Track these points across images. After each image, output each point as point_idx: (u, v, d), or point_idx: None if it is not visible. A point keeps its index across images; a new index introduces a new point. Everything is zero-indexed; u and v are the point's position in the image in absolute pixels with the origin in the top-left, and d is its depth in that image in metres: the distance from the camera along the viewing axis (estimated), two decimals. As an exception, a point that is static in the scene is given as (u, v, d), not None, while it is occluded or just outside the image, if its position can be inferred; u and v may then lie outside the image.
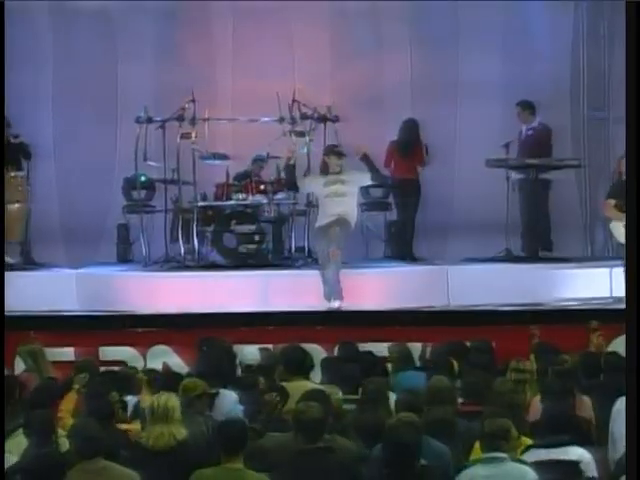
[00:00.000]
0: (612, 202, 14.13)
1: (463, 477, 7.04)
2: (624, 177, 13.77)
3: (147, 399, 8.76)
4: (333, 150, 14.25)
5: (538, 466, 7.28)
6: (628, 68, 7.92)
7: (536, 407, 8.77)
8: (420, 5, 16.72)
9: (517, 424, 7.56)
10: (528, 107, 15.86)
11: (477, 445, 7.56)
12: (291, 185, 14.53)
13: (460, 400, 9.01)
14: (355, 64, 16.67)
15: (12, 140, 15.55)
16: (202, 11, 16.73)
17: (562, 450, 7.61)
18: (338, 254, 13.48)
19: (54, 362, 11.59)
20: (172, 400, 7.85)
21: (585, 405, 8.93)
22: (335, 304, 13.39)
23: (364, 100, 16.40)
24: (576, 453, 7.64)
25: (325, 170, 14.19)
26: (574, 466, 7.55)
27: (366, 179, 14.19)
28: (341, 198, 13.87)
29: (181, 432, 7.64)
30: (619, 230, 13.93)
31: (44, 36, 16.68)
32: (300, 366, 9.92)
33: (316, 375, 10.34)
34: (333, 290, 13.48)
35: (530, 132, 15.73)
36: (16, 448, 7.53)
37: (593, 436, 8.58)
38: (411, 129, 15.88)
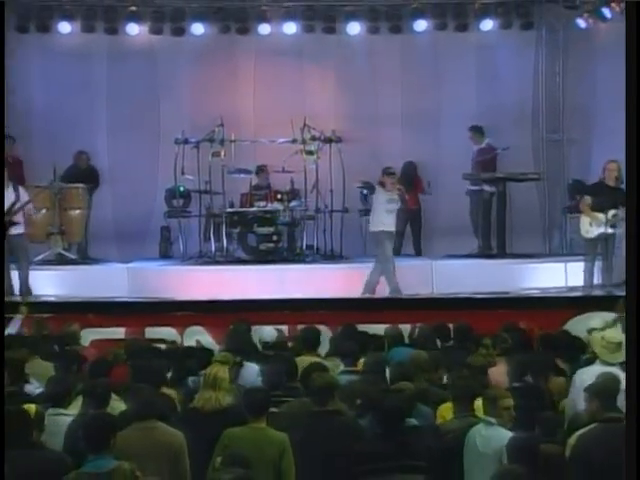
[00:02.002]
0: (588, 199, 14.06)
1: (471, 433, 6.95)
2: (607, 181, 13.72)
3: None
4: (387, 172, 14.35)
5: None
6: (628, 68, 7.44)
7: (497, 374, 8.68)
8: (409, 47, 16.72)
9: (481, 387, 7.55)
10: (478, 131, 15.88)
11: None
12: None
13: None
14: (355, 96, 16.64)
15: (82, 164, 15.61)
16: (229, 52, 16.75)
17: None
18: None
19: (108, 340, 11.64)
20: (222, 371, 7.76)
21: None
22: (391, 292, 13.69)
23: (362, 125, 16.38)
24: None
25: (382, 186, 14.24)
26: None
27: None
28: (393, 214, 14.03)
29: (226, 399, 7.56)
30: (585, 226, 13.91)
31: (100, 73, 16.68)
32: (313, 343, 9.94)
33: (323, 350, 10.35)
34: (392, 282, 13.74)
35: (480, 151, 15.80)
36: (75, 410, 7.51)
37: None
38: (409, 169, 15.90)
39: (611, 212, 13.58)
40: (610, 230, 13.68)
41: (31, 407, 6.97)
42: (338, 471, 6.99)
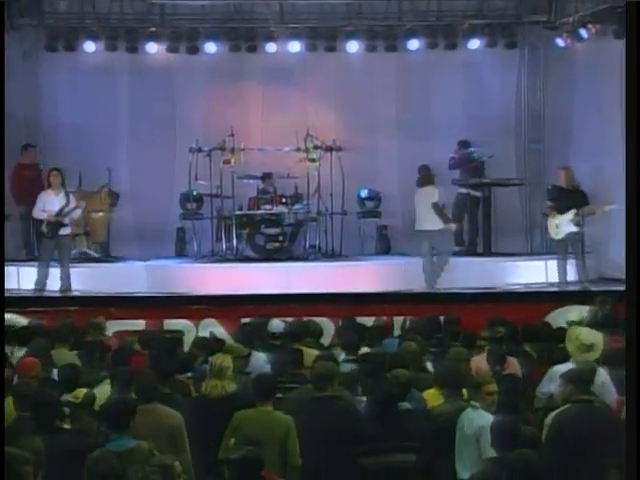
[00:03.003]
0: (548, 203, 14.16)
1: (463, 416, 6.94)
2: (563, 185, 13.92)
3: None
4: (424, 170, 14.51)
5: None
6: (628, 69, 6.98)
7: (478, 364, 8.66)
8: (403, 64, 16.71)
9: (467, 375, 7.56)
10: (464, 145, 15.81)
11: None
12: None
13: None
14: (354, 109, 16.61)
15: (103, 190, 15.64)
16: (239, 68, 16.71)
17: None
18: None
19: (130, 331, 11.64)
20: (227, 361, 7.76)
21: (513, 365, 8.81)
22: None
23: (360, 135, 16.37)
24: None
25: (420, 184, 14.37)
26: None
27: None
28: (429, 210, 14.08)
29: (231, 386, 7.58)
30: (553, 228, 13.96)
31: (122, 88, 16.67)
32: (313, 334, 9.94)
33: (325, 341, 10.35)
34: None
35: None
36: (102, 394, 7.51)
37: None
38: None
39: (570, 213, 13.71)
40: (574, 229, 13.76)
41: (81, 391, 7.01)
42: (339, 451, 6.98)
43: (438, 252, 14.22)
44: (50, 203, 13.78)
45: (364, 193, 16.42)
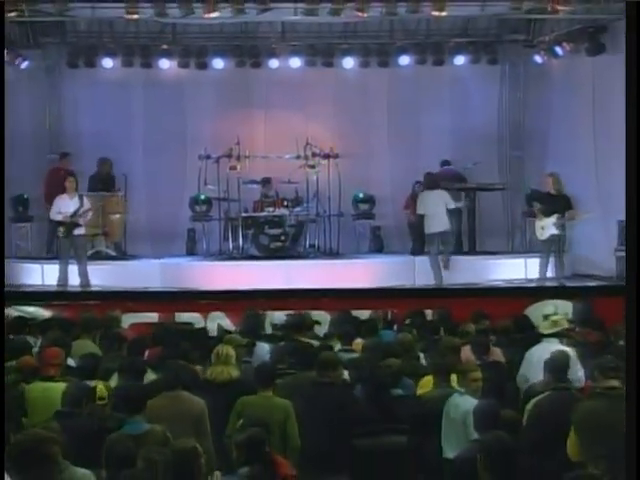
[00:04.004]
0: (537, 206, 14.15)
1: (450, 401, 6.92)
2: (548, 190, 13.90)
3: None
4: (429, 177, 14.59)
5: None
6: (628, 69, 6.66)
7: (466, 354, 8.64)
8: (394, 78, 16.69)
9: (455, 363, 7.54)
10: (446, 163, 15.83)
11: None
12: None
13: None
14: (349, 119, 16.58)
15: (104, 171, 15.60)
16: (244, 82, 16.69)
17: None
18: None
19: (144, 323, 11.63)
20: (231, 349, 7.79)
21: (497, 354, 8.79)
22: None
23: (355, 143, 16.34)
24: None
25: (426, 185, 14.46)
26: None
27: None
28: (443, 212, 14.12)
29: (235, 372, 7.59)
30: (538, 228, 13.98)
31: (137, 100, 16.66)
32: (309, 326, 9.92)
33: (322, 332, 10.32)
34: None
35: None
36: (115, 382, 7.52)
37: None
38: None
39: (554, 216, 13.69)
40: (557, 231, 13.75)
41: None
42: (337, 432, 6.96)
43: (445, 251, 14.20)
44: (65, 206, 13.79)
45: (363, 195, 16.40)
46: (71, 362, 8.28)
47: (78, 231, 13.74)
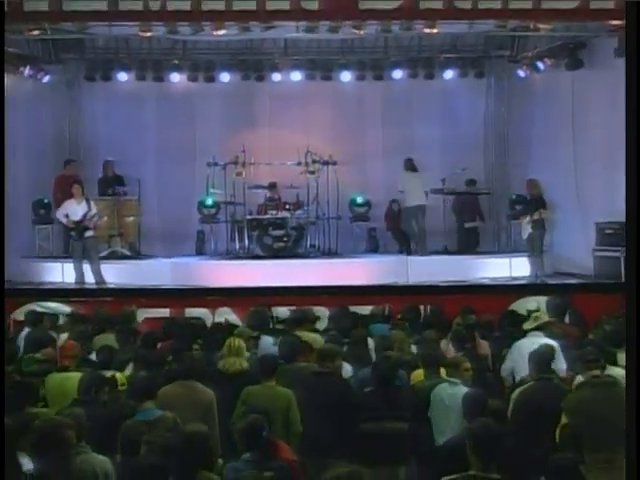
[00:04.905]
0: (517, 208, 14.23)
1: (436, 391, 6.93)
2: (528, 193, 14.06)
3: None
4: (409, 161, 15.18)
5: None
6: (628, 69, 6.52)
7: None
8: (388, 91, 16.66)
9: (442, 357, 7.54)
10: (409, 161, 15.68)
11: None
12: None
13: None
14: (346, 129, 16.53)
15: (109, 172, 15.55)
16: (249, 94, 16.65)
17: None
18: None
19: (157, 318, 11.61)
20: (242, 342, 7.80)
21: (484, 346, 8.78)
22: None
23: (352, 151, 16.30)
24: None
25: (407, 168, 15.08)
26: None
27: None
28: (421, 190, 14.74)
29: (245, 363, 7.56)
30: (521, 228, 14.04)
31: (150, 112, 16.61)
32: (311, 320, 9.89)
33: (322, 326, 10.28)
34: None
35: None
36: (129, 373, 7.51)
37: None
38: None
39: (528, 217, 13.84)
40: (531, 231, 13.86)
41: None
42: (336, 419, 6.91)
43: (420, 231, 14.74)
44: (73, 210, 13.78)
45: (359, 199, 16.38)
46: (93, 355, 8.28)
47: (88, 233, 13.72)
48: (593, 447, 5.68)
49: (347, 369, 7.79)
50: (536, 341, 7.71)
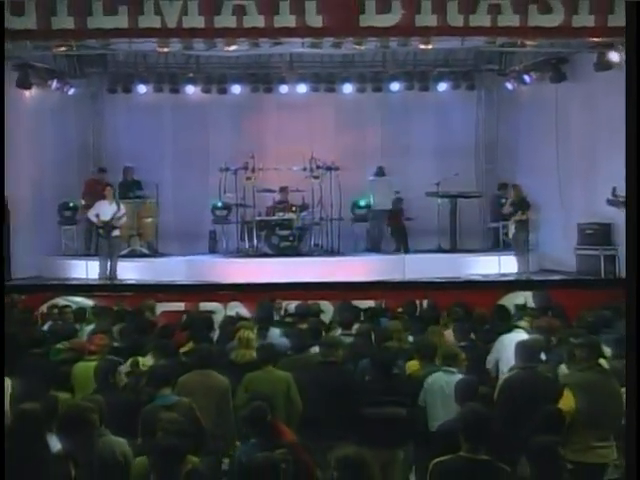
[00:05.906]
0: (505, 210, 14.24)
1: (430, 379, 6.90)
2: (513, 197, 13.94)
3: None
4: (380, 169, 15.62)
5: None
6: (628, 68, 6.24)
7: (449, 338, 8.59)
8: (386, 102, 16.65)
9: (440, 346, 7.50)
10: (380, 169, 15.90)
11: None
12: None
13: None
14: (348, 137, 16.55)
15: (129, 176, 15.57)
16: (258, 105, 16.68)
17: None
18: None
19: (173, 311, 11.62)
20: (251, 334, 7.81)
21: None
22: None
23: (353, 157, 16.26)
24: None
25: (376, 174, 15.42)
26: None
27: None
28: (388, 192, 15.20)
29: (253, 354, 7.53)
30: (511, 229, 14.05)
31: (167, 121, 16.65)
32: (315, 314, 9.88)
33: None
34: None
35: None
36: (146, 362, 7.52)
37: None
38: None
39: (512, 218, 13.87)
40: (514, 231, 13.90)
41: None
42: (337, 405, 6.91)
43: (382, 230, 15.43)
44: (104, 210, 13.83)
45: (362, 202, 16.36)
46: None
47: (115, 233, 13.79)
48: (592, 423, 5.80)
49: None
50: (520, 335, 7.71)
